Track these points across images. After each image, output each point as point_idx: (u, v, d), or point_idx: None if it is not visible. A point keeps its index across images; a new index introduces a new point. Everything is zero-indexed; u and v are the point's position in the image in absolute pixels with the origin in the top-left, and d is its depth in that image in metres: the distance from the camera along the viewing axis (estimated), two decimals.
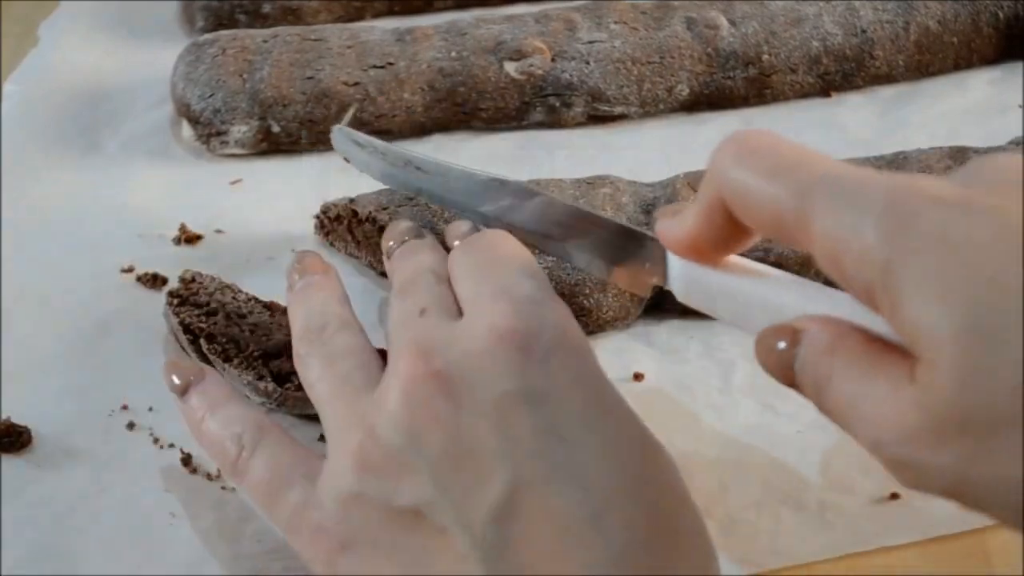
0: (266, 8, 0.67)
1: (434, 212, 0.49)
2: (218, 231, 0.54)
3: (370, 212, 0.50)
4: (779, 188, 0.32)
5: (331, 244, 0.53)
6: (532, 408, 0.34)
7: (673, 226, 0.37)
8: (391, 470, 0.35)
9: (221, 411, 0.41)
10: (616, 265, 0.41)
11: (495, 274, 0.39)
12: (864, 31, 0.62)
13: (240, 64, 0.60)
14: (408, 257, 0.43)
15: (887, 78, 0.63)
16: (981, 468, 0.30)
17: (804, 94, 0.63)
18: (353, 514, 0.36)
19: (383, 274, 0.49)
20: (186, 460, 0.43)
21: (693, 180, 0.52)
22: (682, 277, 0.38)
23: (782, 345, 0.34)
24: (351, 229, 0.52)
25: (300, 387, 0.43)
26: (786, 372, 0.35)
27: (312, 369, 0.40)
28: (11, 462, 0.43)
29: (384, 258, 0.46)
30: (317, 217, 0.53)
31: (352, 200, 0.51)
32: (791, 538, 0.41)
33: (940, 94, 0.63)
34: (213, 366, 0.45)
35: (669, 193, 0.51)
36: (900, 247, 0.30)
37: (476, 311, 0.38)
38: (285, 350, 0.45)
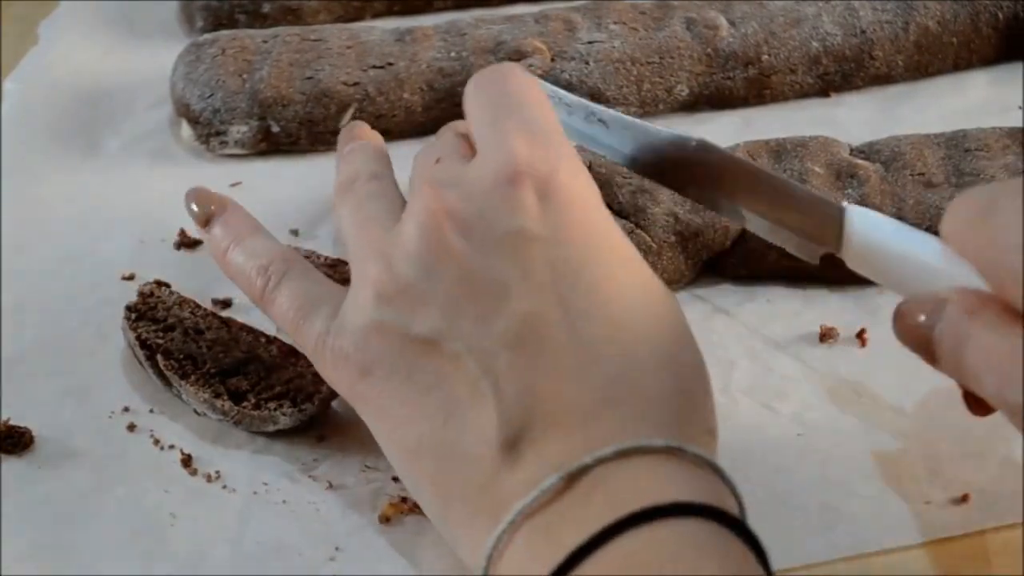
0: (266, 8, 0.67)
1: None
2: None
3: None
4: None
5: None
6: (542, 244, 0.37)
7: None
8: (407, 301, 0.38)
9: (246, 243, 0.44)
10: (790, 230, 0.43)
11: (506, 113, 0.40)
12: (863, 31, 0.62)
13: (240, 64, 0.60)
14: (438, 137, 0.46)
15: (886, 78, 0.63)
16: None
17: (803, 94, 0.63)
18: (372, 342, 0.38)
19: None
20: (186, 461, 0.43)
21: (752, 148, 0.53)
22: (859, 248, 0.41)
23: (922, 318, 0.37)
24: None
25: (257, 406, 0.44)
26: (924, 339, 0.37)
27: (343, 216, 0.43)
28: (12, 463, 0.43)
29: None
30: None
31: None
32: (791, 540, 0.41)
33: (939, 95, 0.63)
34: (170, 383, 0.45)
35: None
36: None
37: (487, 151, 0.39)
38: (243, 368, 0.45)
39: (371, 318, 0.38)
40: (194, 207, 0.46)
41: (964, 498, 0.41)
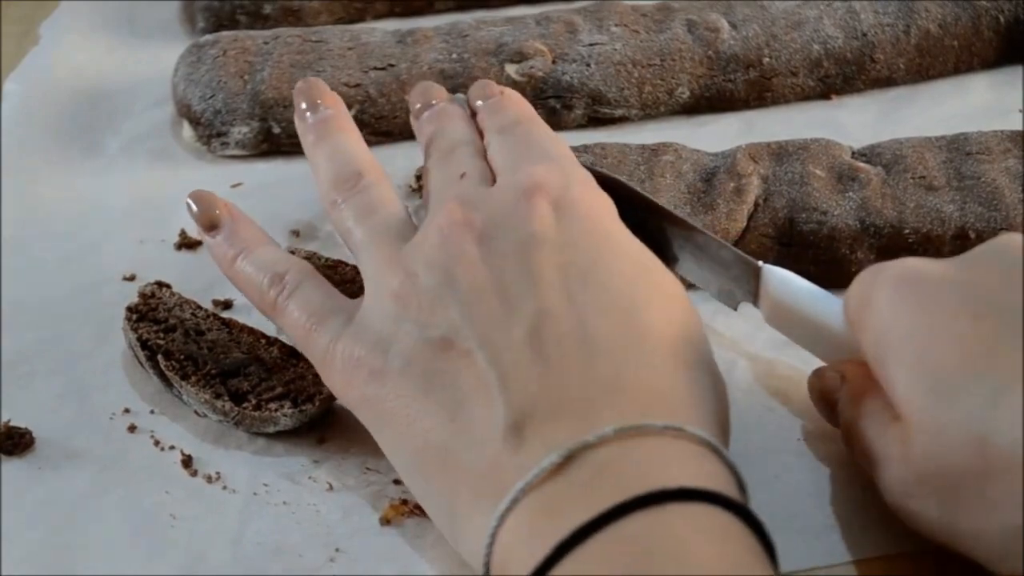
0: (267, 9, 0.67)
1: None
2: None
3: None
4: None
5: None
6: (554, 248, 0.39)
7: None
8: (427, 306, 0.39)
9: (256, 253, 0.45)
10: (713, 276, 0.46)
11: (527, 153, 0.44)
12: (865, 34, 0.62)
13: (241, 65, 0.60)
14: (442, 123, 0.48)
15: (888, 81, 0.63)
16: (961, 519, 0.35)
17: (805, 97, 0.63)
18: (388, 346, 0.39)
19: None
20: (187, 462, 0.43)
21: (753, 150, 0.53)
22: (773, 305, 0.44)
23: (830, 383, 0.41)
24: None
25: (257, 407, 0.44)
26: (830, 406, 0.42)
27: (347, 218, 0.44)
28: (12, 464, 0.43)
29: (412, 117, 0.50)
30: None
31: None
32: (790, 544, 0.41)
33: (940, 97, 0.63)
34: (170, 384, 0.45)
35: (729, 163, 0.53)
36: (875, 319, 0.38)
37: (510, 175, 0.43)
38: (243, 369, 0.45)
39: (390, 324, 0.40)
40: (194, 207, 0.46)
41: None
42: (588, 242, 0.39)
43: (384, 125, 0.59)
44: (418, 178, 0.56)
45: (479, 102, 0.49)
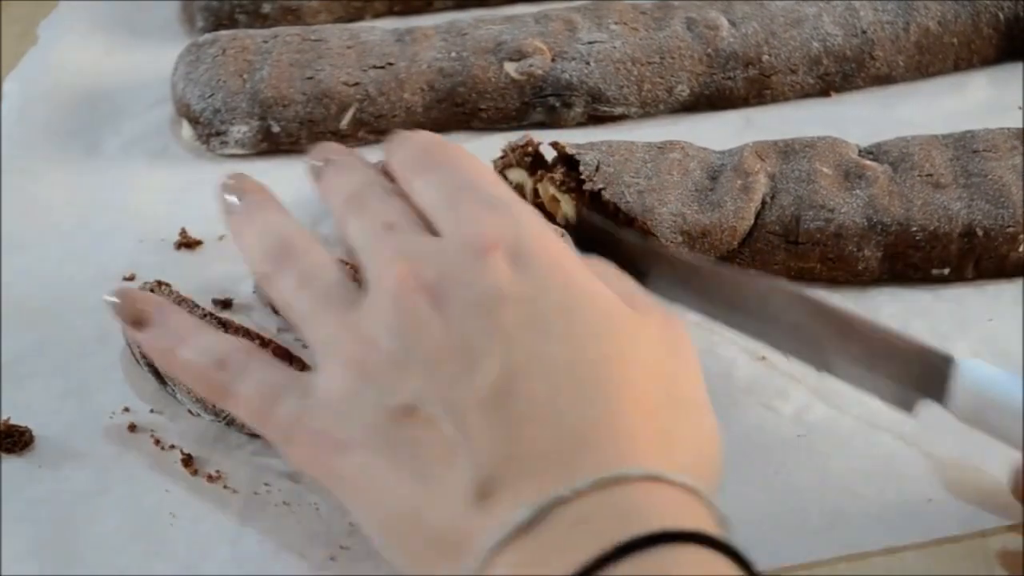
0: (266, 8, 0.67)
1: None
2: (220, 238, 0.54)
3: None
4: None
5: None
6: (515, 304, 0.37)
7: None
8: (388, 374, 0.37)
9: (192, 341, 0.41)
10: (888, 379, 0.42)
11: (460, 193, 0.40)
12: (864, 32, 0.62)
13: (240, 64, 0.60)
14: (343, 174, 0.44)
15: (887, 79, 0.63)
16: None
17: (804, 94, 0.63)
18: (350, 418, 0.37)
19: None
20: (187, 461, 0.43)
21: (760, 148, 0.53)
22: (969, 403, 0.40)
23: None
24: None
25: None
26: None
27: (284, 289, 0.41)
28: (12, 463, 0.43)
29: (310, 178, 0.45)
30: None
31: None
32: (791, 539, 0.41)
33: (940, 95, 0.63)
34: (166, 381, 0.45)
35: (736, 161, 0.52)
36: None
37: (452, 227, 0.39)
38: None
39: (349, 395, 0.37)
40: (120, 307, 0.43)
41: None
42: (550, 294, 0.37)
43: (383, 124, 0.59)
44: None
45: (388, 147, 0.45)
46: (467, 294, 0.37)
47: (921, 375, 0.41)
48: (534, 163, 0.52)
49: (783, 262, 0.50)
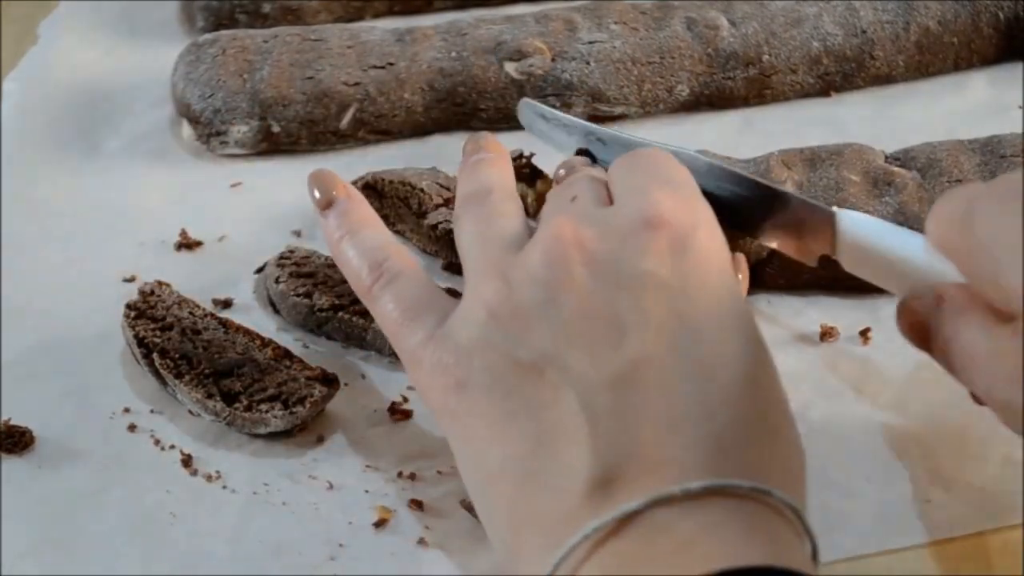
0: (266, 8, 0.67)
1: None
2: (220, 238, 0.54)
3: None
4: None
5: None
6: (668, 292, 0.36)
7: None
8: (521, 323, 0.37)
9: (360, 236, 0.43)
10: (786, 234, 0.44)
11: (652, 175, 0.41)
12: (864, 31, 0.62)
13: (240, 64, 0.60)
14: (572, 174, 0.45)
15: (887, 78, 0.63)
16: None
17: (804, 94, 0.63)
18: (475, 358, 0.37)
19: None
20: (187, 461, 0.43)
21: (786, 157, 0.53)
22: (851, 248, 0.43)
23: (922, 312, 0.38)
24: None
25: (248, 407, 0.44)
26: (924, 334, 0.38)
27: (466, 225, 0.42)
28: (12, 463, 0.44)
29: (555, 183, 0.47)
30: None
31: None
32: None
33: (940, 94, 0.63)
34: (165, 381, 0.45)
35: (763, 169, 0.52)
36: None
37: (630, 198, 0.39)
38: (237, 369, 0.45)
39: (479, 335, 0.37)
40: (316, 193, 0.45)
41: None
42: (703, 295, 0.37)
43: (383, 124, 0.59)
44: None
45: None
46: (621, 266, 0.37)
47: (814, 228, 0.43)
48: (532, 174, 0.51)
49: (814, 271, 0.49)
